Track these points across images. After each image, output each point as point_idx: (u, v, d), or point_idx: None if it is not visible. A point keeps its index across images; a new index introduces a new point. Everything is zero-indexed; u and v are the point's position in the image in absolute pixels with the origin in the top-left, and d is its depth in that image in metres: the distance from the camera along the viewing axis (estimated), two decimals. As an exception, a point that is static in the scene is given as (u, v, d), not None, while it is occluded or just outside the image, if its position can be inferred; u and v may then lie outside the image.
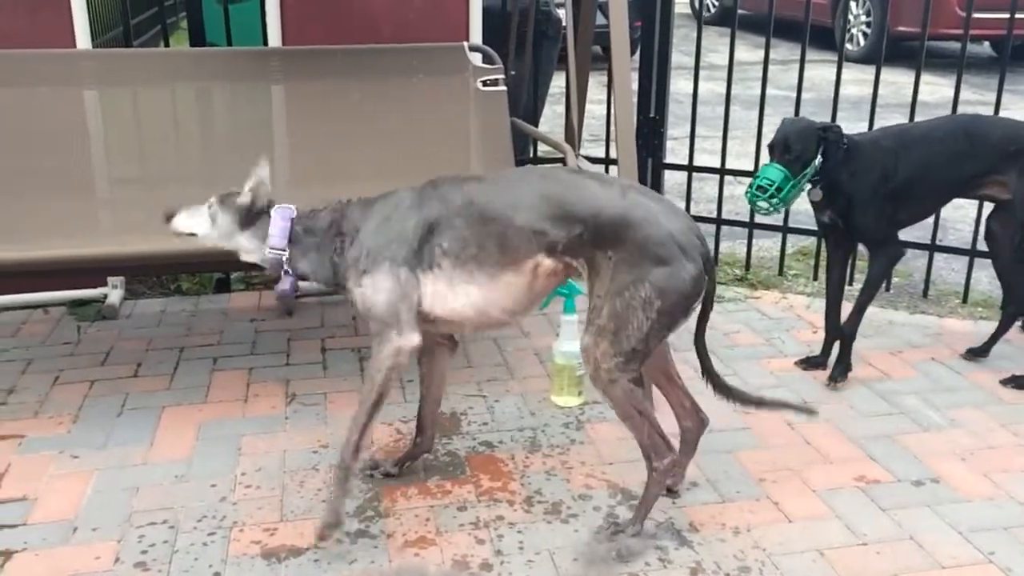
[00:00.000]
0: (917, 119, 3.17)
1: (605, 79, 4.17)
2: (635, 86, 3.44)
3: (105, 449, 2.51)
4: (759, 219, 3.85)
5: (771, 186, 2.70)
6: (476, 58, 3.38)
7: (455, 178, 2.14)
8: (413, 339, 2.07)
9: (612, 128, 4.00)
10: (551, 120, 5.81)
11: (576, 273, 2.10)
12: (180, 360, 3.05)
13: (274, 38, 3.45)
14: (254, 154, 3.22)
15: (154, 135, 3.28)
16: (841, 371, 2.87)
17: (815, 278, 3.78)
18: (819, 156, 2.71)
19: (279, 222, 2.16)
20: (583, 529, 2.18)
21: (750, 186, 2.76)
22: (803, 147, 2.70)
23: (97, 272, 3.39)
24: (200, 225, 2.21)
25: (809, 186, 2.78)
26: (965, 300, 3.61)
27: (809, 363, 2.99)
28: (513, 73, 3.50)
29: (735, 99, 3.86)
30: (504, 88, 3.35)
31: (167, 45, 3.81)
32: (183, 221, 2.24)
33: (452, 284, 2.07)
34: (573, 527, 2.19)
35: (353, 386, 2.88)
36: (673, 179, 4.52)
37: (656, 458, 2.11)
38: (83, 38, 3.28)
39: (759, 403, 2.31)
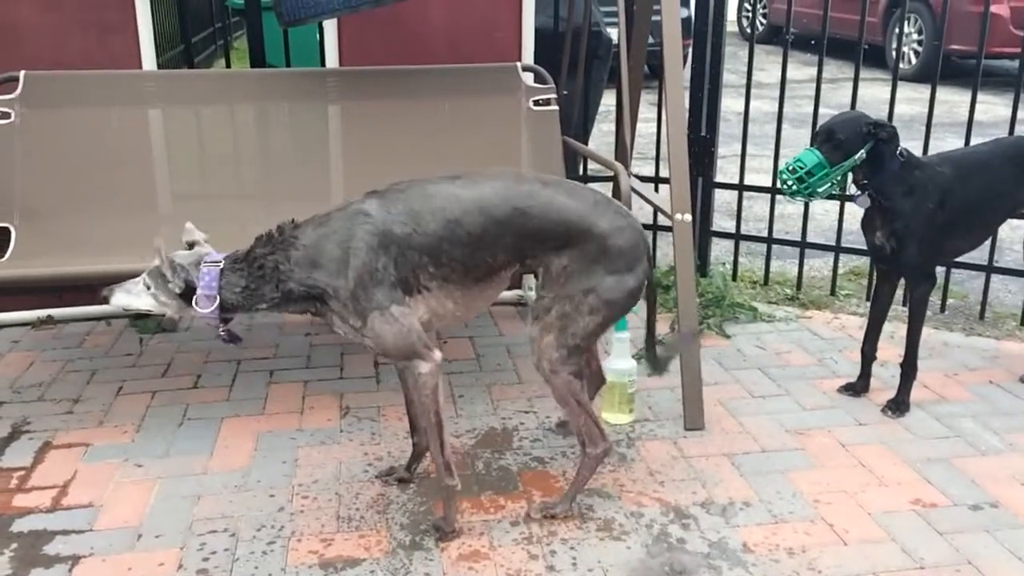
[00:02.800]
0: (971, 139, 3.14)
1: (653, 98, 4.20)
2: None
3: (167, 458, 2.58)
4: (811, 238, 3.83)
5: (802, 168, 2.66)
6: (528, 78, 3.43)
7: (405, 192, 2.13)
8: (436, 355, 2.12)
9: (661, 147, 4.03)
10: (597, 139, 5.83)
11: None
12: (238, 372, 3.12)
13: (332, 59, 3.53)
14: (311, 172, 3.34)
15: (215, 153, 3.37)
16: (897, 407, 2.81)
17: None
18: (863, 152, 2.63)
19: (203, 288, 2.08)
20: (636, 546, 2.19)
21: (784, 167, 2.73)
22: (847, 137, 2.63)
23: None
24: (145, 302, 2.15)
25: (857, 191, 2.74)
26: (1023, 322, 3.55)
27: (851, 389, 2.95)
28: (565, 93, 3.53)
29: (783, 117, 3.85)
30: (556, 108, 3.39)
31: (228, 66, 3.91)
32: (123, 299, 2.18)
33: (442, 299, 2.15)
34: (626, 544, 2.20)
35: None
36: (722, 198, 4.51)
37: (590, 444, 2.27)
38: (148, 59, 3.39)
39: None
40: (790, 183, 2.69)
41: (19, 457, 2.58)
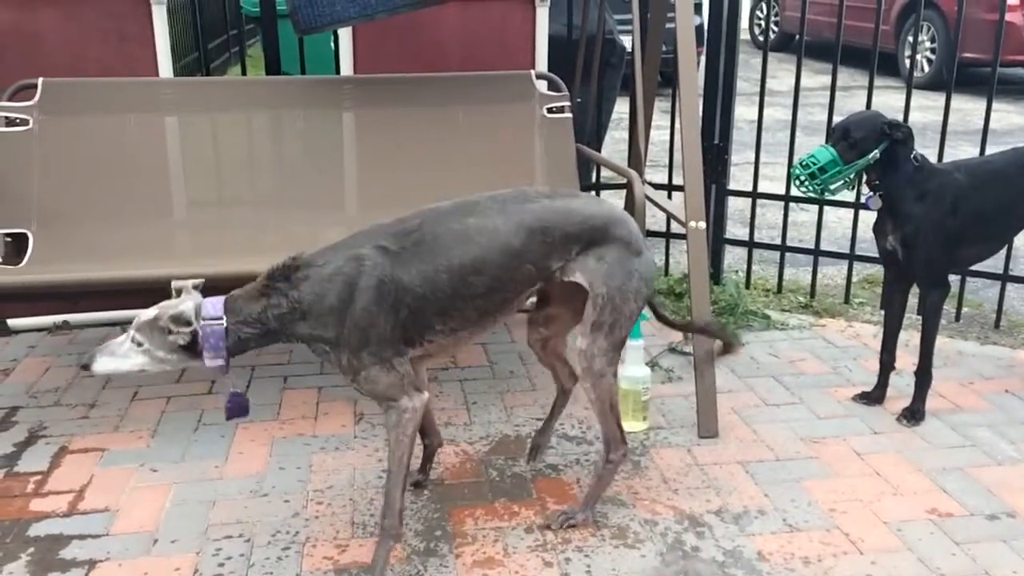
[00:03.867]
0: (986, 147, 3.13)
1: (665, 105, 4.20)
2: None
3: (183, 463, 2.59)
4: (824, 246, 3.82)
5: (815, 164, 2.67)
6: (542, 85, 3.44)
7: (419, 236, 2.03)
8: (424, 396, 2.06)
9: (674, 154, 4.03)
10: (609, 146, 5.83)
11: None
12: (252, 378, 3.13)
13: (346, 67, 3.55)
14: (326, 178, 3.36)
15: (230, 160, 3.39)
16: (912, 415, 2.80)
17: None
18: (877, 152, 2.64)
19: (210, 348, 1.96)
20: (650, 554, 2.18)
21: (797, 163, 2.73)
22: (862, 135, 2.64)
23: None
24: (136, 362, 1.99)
25: (869, 194, 2.74)
26: (1038, 331, 3.53)
27: (867, 398, 2.94)
28: (579, 100, 3.54)
29: (797, 125, 3.85)
30: (570, 115, 3.39)
31: (244, 73, 3.94)
32: (108, 365, 2.01)
33: (448, 340, 2.10)
34: (640, 552, 2.19)
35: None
36: (734, 205, 4.50)
37: (613, 450, 2.27)
38: (165, 66, 3.42)
39: (699, 328, 2.64)
40: (802, 178, 2.70)
41: (36, 462, 2.59)
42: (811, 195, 2.79)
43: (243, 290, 2.02)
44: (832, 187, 2.71)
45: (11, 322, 3.43)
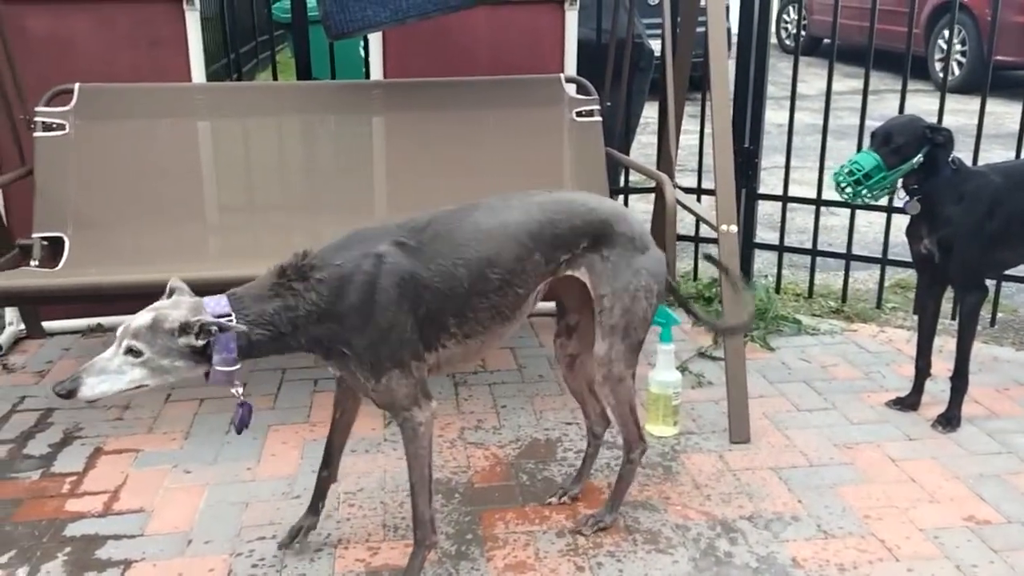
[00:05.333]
0: (1022, 151, 3.09)
1: (692, 110, 4.18)
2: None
3: (216, 464, 2.61)
4: (856, 250, 3.79)
5: (859, 171, 2.64)
6: (571, 89, 3.44)
7: (433, 232, 1.98)
8: (432, 405, 2.00)
9: (702, 158, 4.02)
10: (636, 151, 5.82)
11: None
12: (283, 381, 3.15)
13: (376, 71, 3.57)
14: (356, 182, 3.37)
15: (261, 164, 3.41)
16: (948, 421, 2.77)
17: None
18: (920, 156, 2.62)
19: (221, 351, 1.80)
20: (683, 560, 2.17)
21: (840, 169, 2.71)
22: (905, 141, 2.63)
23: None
24: (134, 377, 1.78)
25: (906, 196, 2.71)
26: (1075, 337, 3.48)
27: (901, 403, 2.90)
28: (608, 104, 3.53)
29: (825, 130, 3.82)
30: (599, 119, 3.39)
31: (275, 78, 3.97)
32: (98, 388, 1.76)
33: (459, 349, 2.05)
34: (672, 557, 2.18)
35: (448, 410, 2.93)
36: (762, 210, 4.47)
37: (633, 448, 2.26)
38: (198, 71, 3.45)
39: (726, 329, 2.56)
40: (846, 187, 2.67)
41: (71, 462, 2.62)
42: (854, 201, 2.76)
43: (246, 288, 1.88)
44: (876, 193, 2.68)
45: (46, 324, 3.48)
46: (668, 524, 2.31)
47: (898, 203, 2.83)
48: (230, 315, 1.81)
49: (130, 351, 1.76)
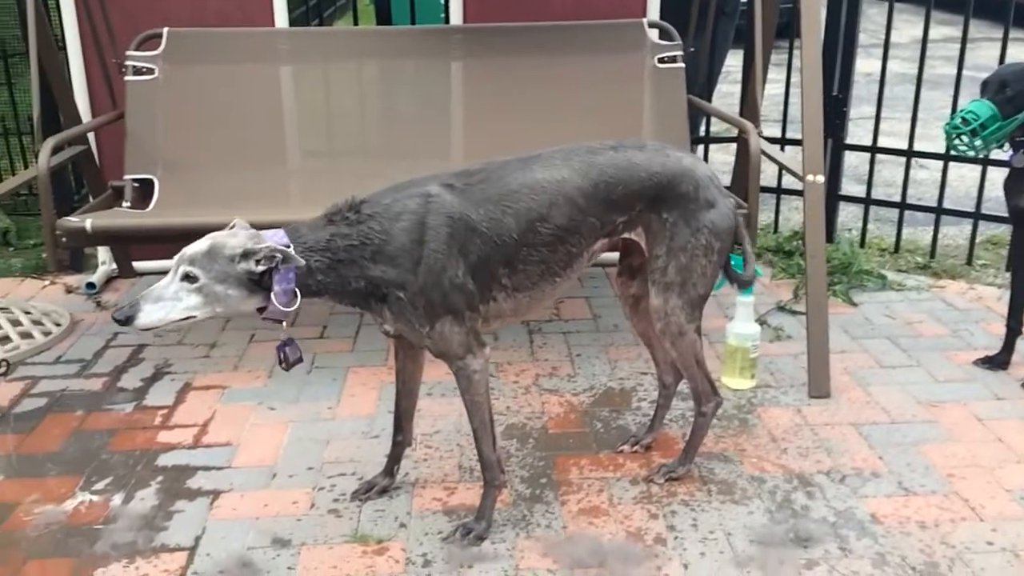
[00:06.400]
0: None
1: (776, 58, 4.05)
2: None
3: (297, 403, 2.68)
4: (948, 204, 3.65)
5: (975, 120, 2.52)
6: (654, 34, 3.36)
7: (484, 176, 1.97)
8: (486, 351, 2.00)
9: (787, 107, 3.90)
10: (715, 100, 5.69)
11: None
12: (361, 325, 3.21)
13: (456, 16, 3.55)
14: (434, 128, 3.37)
15: (340, 110, 3.45)
16: None
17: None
18: None
19: (281, 281, 1.80)
20: (758, 511, 2.16)
21: (951, 119, 2.59)
22: (1021, 88, 2.50)
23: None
24: (188, 305, 1.79)
25: (1011, 150, 2.58)
26: None
27: (990, 362, 2.81)
28: (692, 50, 3.44)
29: (915, 79, 3.67)
30: (682, 66, 3.31)
31: (355, 24, 3.98)
32: (154, 315, 1.78)
33: (508, 304, 2.04)
34: (748, 509, 2.17)
35: (523, 357, 2.95)
36: (848, 161, 4.33)
37: (705, 403, 2.25)
38: (281, 16, 3.48)
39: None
40: (961, 136, 2.56)
41: (162, 396, 2.73)
42: (966, 154, 2.64)
43: (302, 222, 1.89)
44: (988, 144, 2.56)
45: (137, 264, 3.60)
46: (743, 476, 2.30)
47: (1001, 155, 2.70)
48: (289, 245, 1.81)
49: (186, 277, 1.78)
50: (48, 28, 3.24)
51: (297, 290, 1.83)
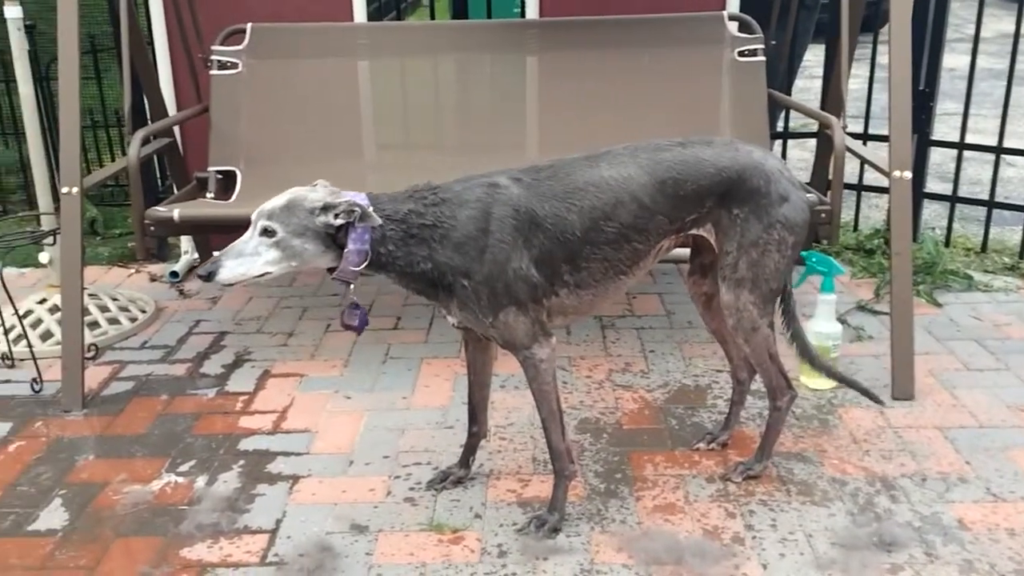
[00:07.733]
0: None
1: (860, 53, 3.95)
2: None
3: (373, 392, 2.72)
4: (1038, 203, 3.52)
5: None
6: (733, 27, 3.30)
7: (551, 173, 1.97)
8: (552, 340, 2.00)
9: (870, 102, 3.79)
10: (794, 94, 5.58)
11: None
12: (434, 317, 3.24)
13: (532, 10, 3.54)
14: (509, 122, 3.38)
15: (417, 104, 3.47)
16: None
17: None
18: None
19: (355, 241, 1.82)
20: (839, 513, 2.11)
21: None
22: None
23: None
24: (268, 259, 1.82)
25: None
26: None
27: None
28: (774, 43, 3.38)
29: (1002, 74, 3.53)
30: (762, 59, 3.25)
31: (432, 18, 4.01)
32: (238, 270, 1.81)
33: (570, 300, 2.03)
34: (829, 511, 2.12)
35: (596, 352, 2.94)
36: (932, 159, 4.21)
37: (779, 397, 2.21)
38: (360, 11, 3.53)
39: (829, 372, 2.36)
40: None
41: (243, 383, 2.80)
42: None
43: (384, 193, 1.92)
44: None
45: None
46: (824, 477, 2.25)
47: None
48: (368, 205, 1.84)
49: (265, 232, 1.80)
50: (137, 24, 3.34)
51: (368, 251, 1.84)
